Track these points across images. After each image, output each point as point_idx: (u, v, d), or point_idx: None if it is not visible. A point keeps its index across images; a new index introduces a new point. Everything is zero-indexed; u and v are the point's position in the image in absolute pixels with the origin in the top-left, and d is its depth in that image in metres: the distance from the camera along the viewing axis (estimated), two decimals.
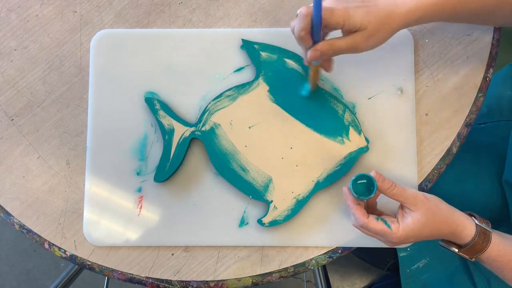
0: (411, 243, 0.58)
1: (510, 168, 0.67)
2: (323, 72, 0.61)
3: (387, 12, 0.49)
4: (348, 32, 0.49)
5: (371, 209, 0.55)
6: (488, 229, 0.52)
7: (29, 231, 0.62)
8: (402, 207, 0.52)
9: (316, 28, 0.48)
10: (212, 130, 0.60)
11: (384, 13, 0.49)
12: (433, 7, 0.50)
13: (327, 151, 0.59)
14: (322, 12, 0.46)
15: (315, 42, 0.49)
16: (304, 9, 0.47)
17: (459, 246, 0.53)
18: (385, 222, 0.50)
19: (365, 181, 0.51)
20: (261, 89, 0.61)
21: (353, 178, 0.51)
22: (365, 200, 0.52)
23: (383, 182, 0.50)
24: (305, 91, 0.59)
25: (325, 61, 0.54)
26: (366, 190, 0.51)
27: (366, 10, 0.48)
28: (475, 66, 0.62)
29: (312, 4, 0.47)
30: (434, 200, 0.52)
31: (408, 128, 0.61)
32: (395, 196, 0.50)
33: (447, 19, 0.54)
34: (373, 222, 0.50)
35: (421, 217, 0.50)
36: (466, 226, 0.52)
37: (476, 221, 0.52)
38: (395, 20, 0.50)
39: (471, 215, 0.54)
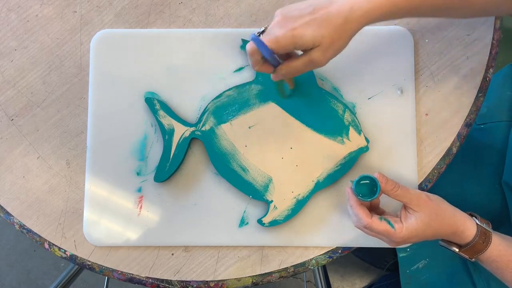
0: (413, 243, 0.58)
1: (509, 169, 0.67)
2: (323, 72, 0.61)
3: (342, 20, 0.47)
4: (304, 50, 0.48)
5: (374, 207, 0.54)
6: (489, 229, 0.52)
7: (29, 231, 0.62)
8: (405, 207, 0.52)
9: (270, 60, 0.48)
10: (212, 130, 0.60)
11: (339, 22, 0.46)
12: (392, 5, 0.48)
13: (327, 151, 0.59)
14: (268, 44, 0.46)
15: (274, 65, 0.50)
16: (249, 46, 0.47)
17: (459, 246, 0.53)
18: (389, 222, 0.50)
19: (368, 181, 0.51)
20: (261, 89, 0.61)
21: (356, 179, 0.51)
22: (369, 201, 0.52)
23: (387, 184, 0.50)
24: (288, 92, 0.60)
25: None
26: (369, 191, 0.51)
27: (317, 25, 0.46)
28: (475, 66, 0.62)
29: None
30: (437, 201, 0.52)
31: (408, 128, 0.61)
32: (398, 197, 0.50)
33: (409, 15, 0.51)
34: (377, 223, 0.50)
35: (425, 218, 0.50)
36: (467, 226, 0.52)
37: (477, 221, 0.52)
38: (352, 26, 0.47)
39: (472, 215, 0.54)
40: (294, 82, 0.59)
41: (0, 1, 0.65)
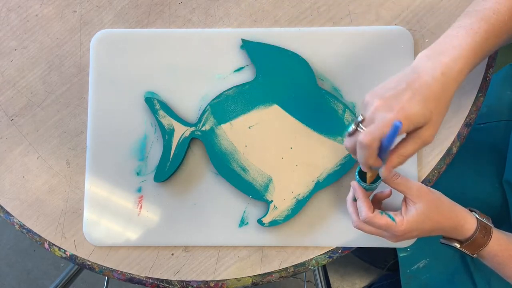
0: (414, 239, 0.58)
1: (510, 168, 0.67)
2: (323, 72, 0.61)
3: (441, 87, 0.44)
4: (412, 130, 0.44)
5: (376, 206, 0.54)
6: (489, 224, 0.52)
7: (29, 231, 0.62)
8: (405, 200, 0.52)
9: (384, 150, 0.43)
10: (212, 130, 0.60)
11: (439, 91, 0.44)
12: (475, 55, 0.46)
13: (327, 151, 0.59)
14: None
15: (382, 157, 0.45)
16: (365, 139, 0.42)
17: (460, 242, 0.53)
18: (389, 216, 0.50)
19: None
20: (261, 89, 0.61)
21: (358, 167, 0.51)
22: (372, 193, 0.52)
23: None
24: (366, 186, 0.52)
25: None
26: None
27: (423, 100, 0.43)
28: None
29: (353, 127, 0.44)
30: (437, 194, 0.52)
31: None
32: (398, 186, 0.50)
33: (492, 51, 0.50)
34: (378, 217, 0.50)
35: (425, 209, 0.50)
36: (467, 220, 0.52)
37: (477, 216, 0.52)
38: (450, 91, 0.45)
39: (471, 211, 0.54)
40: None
41: (0, 1, 0.65)
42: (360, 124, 0.45)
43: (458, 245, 0.53)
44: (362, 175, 0.51)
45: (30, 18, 0.65)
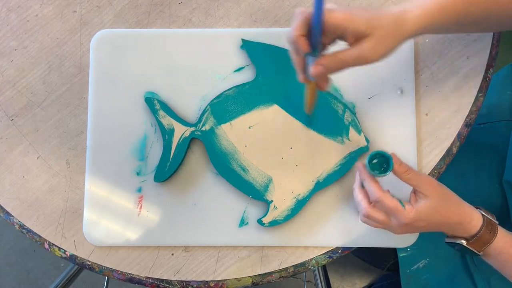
0: (415, 236, 0.58)
1: (510, 168, 0.67)
2: None
3: (395, 16, 0.45)
4: (352, 40, 0.45)
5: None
6: (494, 220, 0.53)
7: (29, 231, 0.62)
8: (415, 192, 0.52)
9: (316, 28, 0.42)
10: (212, 130, 0.60)
11: (392, 18, 0.45)
12: (441, 11, 0.47)
13: (327, 151, 0.59)
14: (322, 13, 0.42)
15: (313, 47, 0.45)
16: (300, 8, 0.44)
17: (465, 239, 0.53)
18: (400, 201, 0.50)
19: (376, 161, 0.51)
20: (261, 89, 0.61)
21: (369, 155, 0.51)
22: (381, 177, 0.52)
23: (400, 166, 0.50)
24: (304, 120, 0.54)
25: (322, 79, 0.48)
26: (379, 169, 0.51)
27: (371, 14, 0.44)
28: (475, 66, 0.62)
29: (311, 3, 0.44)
30: (446, 189, 0.52)
31: (408, 128, 0.61)
32: (410, 181, 0.50)
33: (454, 26, 0.51)
34: (389, 197, 0.50)
35: (433, 202, 0.50)
36: (474, 216, 0.52)
37: (482, 213, 0.53)
38: (406, 25, 0.46)
39: (476, 208, 0.54)
40: (314, 107, 0.54)
41: (0, 1, 0.65)
42: None
43: (464, 242, 0.53)
44: (372, 165, 0.51)
45: (30, 18, 0.65)
